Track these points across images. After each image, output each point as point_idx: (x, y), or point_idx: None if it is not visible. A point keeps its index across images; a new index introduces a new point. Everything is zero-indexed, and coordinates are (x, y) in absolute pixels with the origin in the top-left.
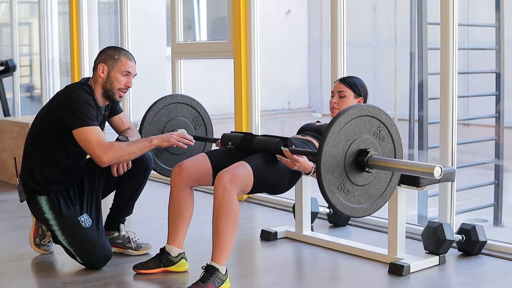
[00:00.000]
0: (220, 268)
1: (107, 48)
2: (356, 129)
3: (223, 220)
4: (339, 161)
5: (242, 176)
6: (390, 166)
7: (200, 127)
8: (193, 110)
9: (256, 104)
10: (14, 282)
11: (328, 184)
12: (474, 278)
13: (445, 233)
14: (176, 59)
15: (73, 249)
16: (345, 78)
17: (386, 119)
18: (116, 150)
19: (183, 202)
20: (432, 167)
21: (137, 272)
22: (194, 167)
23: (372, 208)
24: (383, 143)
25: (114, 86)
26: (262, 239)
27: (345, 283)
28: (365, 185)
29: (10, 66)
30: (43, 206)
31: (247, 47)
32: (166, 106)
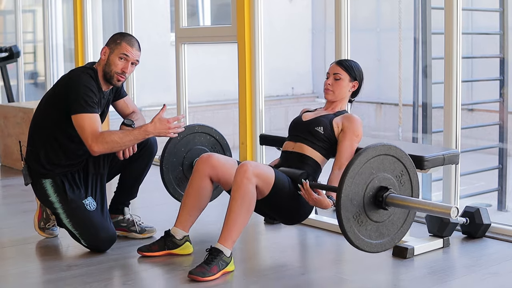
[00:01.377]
0: (224, 251)
1: (116, 33)
2: (381, 166)
3: (238, 203)
4: (359, 192)
5: (264, 172)
6: (407, 204)
7: (218, 153)
8: (211, 138)
9: (260, 89)
10: (19, 265)
11: (346, 210)
12: (478, 261)
13: None
14: (180, 44)
15: (78, 232)
16: (341, 61)
17: (410, 166)
18: (106, 141)
19: (202, 189)
20: (449, 208)
21: (142, 254)
22: (223, 163)
23: (380, 246)
24: (402, 187)
25: (111, 69)
26: (266, 223)
27: (350, 265)
28: (378, 223)
29: (14, 52)
30: (48, 189)
31: (251, 31)
32: (185, 137)
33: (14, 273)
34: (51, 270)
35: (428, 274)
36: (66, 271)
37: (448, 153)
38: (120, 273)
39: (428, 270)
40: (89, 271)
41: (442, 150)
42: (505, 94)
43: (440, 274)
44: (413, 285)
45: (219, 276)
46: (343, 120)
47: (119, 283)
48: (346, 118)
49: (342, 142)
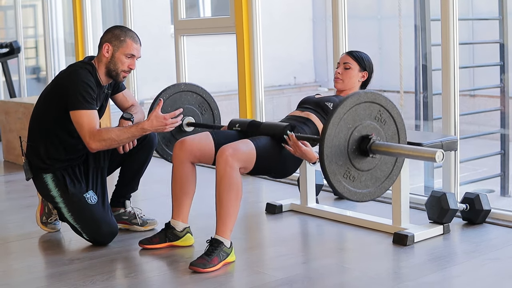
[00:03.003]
0: (224, 242)
1: (114, 27)
2: (356, 116)
3: (225, 194)
4: (342, 150)
5: (244, 152)
6: (392, 151)
7: (206, 112)
8: (198, 97)
9: (260, 79)
10: (21, 260)
11: (333, 174)
12: (478, 246)
13: (449, 202)
14: (179, 36)
15: (79, 226)
16: (352, 51)
17: (385, 103)
18: (104, 139)
19: (185, 176)
20: (433, 152)
21: (143, 247)
22: (197, 143)
23: (379, 190)
24: (385, 126)
25: (117, 67)
26: (268, 212)
27: (350, 253)
28: (371, 169)
29: (15, 48)
30: (49, 184)
31: (249, 22)
32: (171, 96)
33: (17, 268)
34: (53, 264)
35: (428, 260)
36: (68, 265)
37: (447, 139)
38: (122, 266)
39: (429, 257)
40: (92, 265)
41: (440, 137)
42: (506, 79)
43: (440, 261)
44: (413, 272)
45: (220, 267)
46: None
47: (121, 276)
48: None
49: None
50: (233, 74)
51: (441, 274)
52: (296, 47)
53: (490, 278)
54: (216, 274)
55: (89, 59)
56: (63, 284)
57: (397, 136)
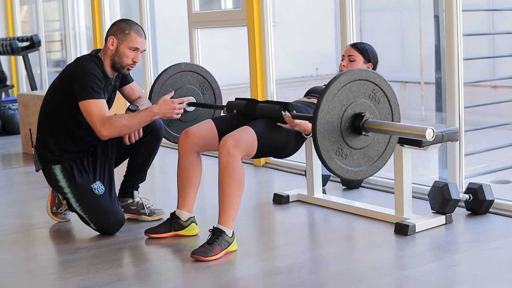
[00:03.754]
0: (226, 231)
1: (119, 20)
2: (350, 94)
3: (227, 184)
4: (335, 127)
5: (245, 141)
6: (384, 129)
7: (208, 91)
8: (198, 76)
9: (271, 71)
10: (29, 249)
11: (326, 150)
12: (479, 236)
13: (451, 192)
14: (193, 28)
15: (87, 216)
16: (356, 43)
17: (380, 81)
18: (115, 125)
19: (190, 167)
20: (423, 129)
21: (149, 236)
22: (200, 133)
23: (372, 169)
24: (379, 105)
25: (122, 60)
26: (275, 203)
27: (351, 243)
28: (364, 148)
29: (35, 41)
30: (57, 174)
31: (260, 15)
32: (172, 77)
33: (24, 256)
34: (60, 253)
35: (427, 250)
36: (74, 254)
37: (447, 130)
38: (127, 255)
39: (428, 246)
40: (97, 253)
41: (441, 128)
42: None
43: (439, 250)
44: (411, 261)
45: (221, 255)
46: None
47: (125, 264)
48: None
49: None
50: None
51: (438, 263)
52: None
53: (487, 267)
54: (218, 263)
55: (96, 52)
56: (67, 272)
57: (391, 116)
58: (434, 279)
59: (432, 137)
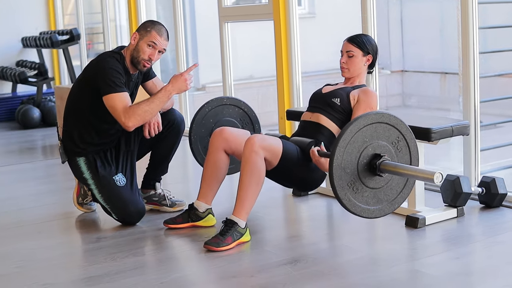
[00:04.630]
0: (239, 222)
1: (147, 20)
2: (375, 133)
3: (247, 176)
4: (353, 160)
5: (271, 143)
6: (397, 170)
7: (247, 125)
8: (240, 110)
9: (296, 65)
10: (52, 237)
11: (339, 178)
12: (488, 230)
13: (462, 186)
14: (223, 22)
15: (109, 206)
16: (352, 37)
17: (406, 131)
18: (138, 114)
19: (218, 162)
20: (432, 174)
21: (167, 227)
22: (236, 135)
23: (378, 212)
24: (400, 153)
25: (139, 55)
26: (294, 195)
27: (361, 235)
28: (375, 189)
29: (75, 35)
30: (82, 166)
31: (286, 9)
32: (213, 109)
33: (47, 245)
34: (81, 242)
35: (435, 242)
36: (94, 243)
37: (457, 124)
38: (144, 244)
39: (436, 239)
40: (116, 243)
41: (452, 122)
42: None
43: (445, 243)
44: (415, 253)
45: (233, 246)
46: (360, 93)
47: (140, 253)
48: (363, 91)
49: (355, 112)
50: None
51: (443, 255)
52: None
53: (491, 260)
54: (229, 253)
55: (120, 49)
56: (84, 261)
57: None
58: (435, 271)
59: (441, 181)
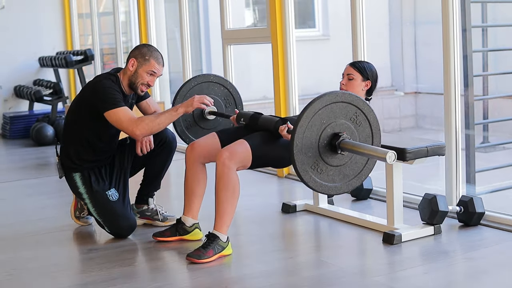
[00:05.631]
0: (220, 236)
1: (142, 45)
2: (332, 114)
3: (222, 192)
4: (313, 143)
5: (240, 153)
6: (355, 149)
7: (230, 105)
8: (224, 90)
9: (293, 87)
10: (47, 248)
11: (301, 163)
12: (459, 247)
13: (438, 204)
14: (226, 45)
15: (102, 220)
16: (354, 62)
17: (363, 106)
18: (146, 123)
19: (195, 177)
20: (385, 152)
21: (156, 239)
22: (205, 145)
23: (346, 187)
24: (360, 127)
25: (138, 81)
26: (283, 212)
27: (337, 250)
28: (340, 166)
29: (89, 55)
30: (77, 181)
31: (283, 32)
32: (199, 84)
33: (40, 255)
34: (73, 253)
35: (405, 258)
36: (85, 254)
37: (433, 145)
38: (132, 256)
39: (407, 255)
40: (106, 254)
41: (427, 142)
42: None
43: (415, 259)
44: (385, 268)
45: (215, 259)
46: None
47: (126, 264)
48: None
49: None
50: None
51: (412, 270)
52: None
53: (453, 276)
54: (210, 265)
55: (115, 71)
56: (72, 270)
57: (371, 139)
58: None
59: (393, 160)
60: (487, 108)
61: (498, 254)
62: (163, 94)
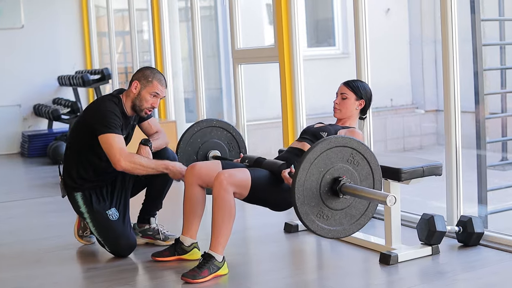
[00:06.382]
0: (216, 256)
1: (145, 68)
2: (328, 160)
3: (219, 213)
4: (314, 192)
5: (239, 178)
6: (355, 193)
7: (234, 149)
8: (228, 134)
9: (301, 106)
10: (48, 267)
11: (306, 214)
12: (456, 268)
13: (436, 224)
14: (236, 64)
15: (102, 239)
16: (348, 82)
17: (357, 145)
18: (134, 162)
19: (194, 197)
20: (385, 196)
21: (155, 259)
22: (205, 167)
23: (355, 226)
24: (358, 167)
25: (142, 104)
26: (285, 231)
27: (333, 270)
28: (345, 208)
29: (106, 74)
30: (79, 201)
31: (290, 52)
32: (202, 129)
33: (39, 274)
34: (72, 272)
35: (399, 279)
36: (84, 273)
37: (429, 165)
38: (129, 275)
39: (401, 276)
40: (104, 273)
41: (424, 162)
42: None
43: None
44: None
45: (209, 279)
46: (346, 133)
47: (122, 283)
48: (350, 131)
49: None
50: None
51: None
52: (393, 70)
53: None
54: (205, 285)
55: (118, 92)
56: None
57: (372, 176)
58: None
59: (394, 203)
60: (506, 125)
61: (493, 275)
62: (178, 114)
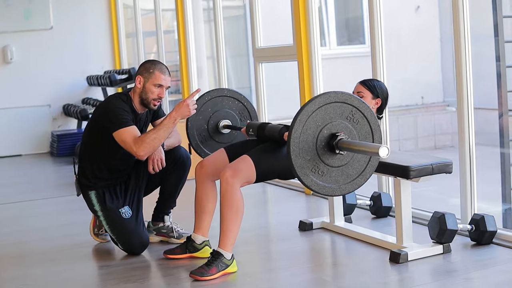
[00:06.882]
0: (225, 254)
1: (146, 61)
2: (326, 115)
3: (226, 210)
4: (310, 146)
5: (243, 170)
6: (351, 147)
7: (245, 119)
8: (239, 104)
9: None
10: (61, 265)
11: (301, 167)
12: (466, 267)
13: (447, 222)
14: (258, 63)
15: (115, 237)
16: (365, 80)
17: (358, 104)
18: (147, 142)
19: (205, 195)
20: (377, 147)
21: (166, 257)
22: (213, 163)
23: (351, 186)
24: (358, 125)
25: (148, 96)
26: (300, 229)
27: (342, 268)
28: (342, 166)
29: (133, 74)
30: (93, 199)
31: (308, 50)
32: (213, 99)
33: (52, 271)
34: (85, 270)
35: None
36: (97, 270)
37: (439, 162)
38: (140, 272)
39: (409, 274)
40: (115, 271)
41: (433, 160)
42: None
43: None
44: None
45: (218, 276)
46: None
47: (131, 281)
48: None
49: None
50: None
51: None
52: (424, 67)
53: None
54: (213, 282)
55: (127, 91)
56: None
57: (371, 136)
58: None
59: (387, 155)
60: None
61: (505, 274)
62: None
